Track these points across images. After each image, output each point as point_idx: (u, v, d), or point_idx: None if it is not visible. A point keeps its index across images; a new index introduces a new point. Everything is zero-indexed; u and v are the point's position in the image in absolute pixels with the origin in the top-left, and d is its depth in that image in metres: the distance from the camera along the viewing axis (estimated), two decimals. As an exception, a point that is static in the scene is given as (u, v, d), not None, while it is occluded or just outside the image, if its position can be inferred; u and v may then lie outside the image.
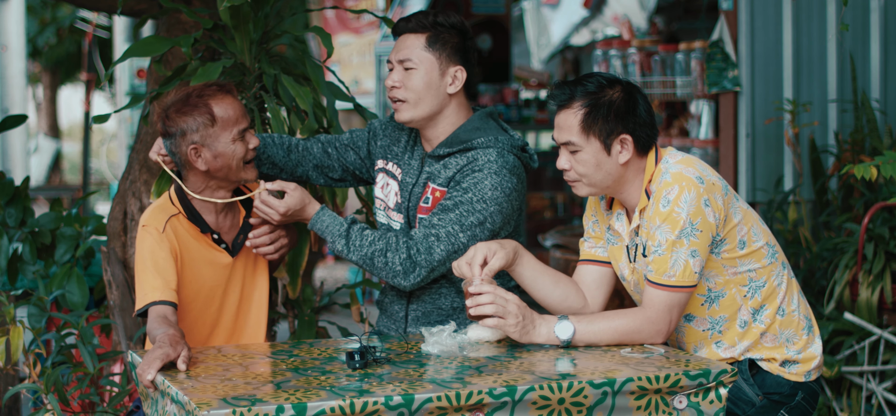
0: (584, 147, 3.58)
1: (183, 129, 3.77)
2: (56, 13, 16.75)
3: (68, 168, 21.98)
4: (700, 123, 7.00)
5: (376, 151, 4.09)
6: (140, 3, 4.92)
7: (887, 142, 5.87)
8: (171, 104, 3.81)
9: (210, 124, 3.76)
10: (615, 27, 10.07)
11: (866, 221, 5.25)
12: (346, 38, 11.68)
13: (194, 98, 3.78)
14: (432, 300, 3.96)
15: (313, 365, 3.39)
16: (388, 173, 4.04)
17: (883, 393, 5.18)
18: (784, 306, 3.62)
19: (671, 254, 3.49)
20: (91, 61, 14.76)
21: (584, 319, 3.57)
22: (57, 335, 4.60)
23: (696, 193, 3.48)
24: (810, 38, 6.44)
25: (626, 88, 3.60)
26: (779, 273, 3.63)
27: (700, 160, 3.62)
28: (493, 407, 3.11)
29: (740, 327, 3.61)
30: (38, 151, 18.71)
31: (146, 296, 3.70)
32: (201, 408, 2.93)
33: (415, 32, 3.90)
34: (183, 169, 3.86)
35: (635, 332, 3.55)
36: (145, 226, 3.81)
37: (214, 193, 3.88)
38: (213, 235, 3.90)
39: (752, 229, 3.59)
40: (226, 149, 3.79)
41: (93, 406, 4.60)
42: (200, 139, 3.77)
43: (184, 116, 3.77)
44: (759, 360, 3.63)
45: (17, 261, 5.07)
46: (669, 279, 3.50)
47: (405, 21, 3.94)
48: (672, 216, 3.49)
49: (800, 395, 3.64)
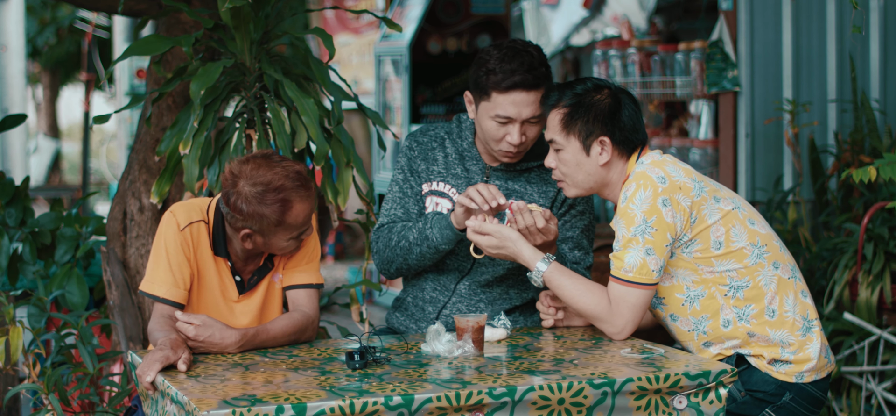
0: (564, 146, 3.69)
1: (246, 216, 3.55)
2: (56, 13, 16.74)
3: (68, 168, 21.97)
4: (700, 123, 7.00)
5: (420, 181, 4.08)
6: (140, 3, 4.92)
7: (887, 142, 5.87)
8: (247, 178, 3.55)
9: (275, 225, 3.57)
10: (615, 27, 10.06)
11: (866, 221, 5.25)
12: (346, 38, 11.68)
13: (272, 194, 3.53)
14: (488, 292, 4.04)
15: (313, 365, 3.40)
16: (437, 194, 4.05)
17: (882, 393, 5.18)
18: (774, 307, 3.61)
19: (626, 250, 3.56)
20: (91, 61, 14.76)
21: (564, 273, 3.68)
22: (57, 336, 4.60)
23: (653, 191, 3.52)
24: (810, 38, 6.44)
25: (614, 94, 3.69)
26: (766, 274, 3.62)
27: (678, 162, 3.65)
28: (492, 407, 3.11)
29: (724, 327, 3.62)
30: (38, 152, 18.70)
31: (154, 286, 3.67)
32: (201, 408, 2.93)
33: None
34: (228, 226, 3.69)
35: (596, 316, 3.63)
36: (173, 213, 3.71)
37: (248, 255, 3.74)
38: (229, 261, 3.77)
39: (732, 231, 3.59)
40: (278, 244, 3.65)
41: (93, 406, 4.60)
42: (259, 230, 3.60)
43: (253, 207, 3.53)
44: (748, 356, 3.63)
45: (16, 261, 5.06)
46: (626, 275, 3.56)
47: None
48: (627, 213, 3.56)
49: (788, 395, 3.62)
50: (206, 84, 4.23)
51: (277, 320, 3.68)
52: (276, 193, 3.53)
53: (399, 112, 8.71)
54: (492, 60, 3.85)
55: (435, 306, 4.05)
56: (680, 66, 6.94)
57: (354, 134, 11.34)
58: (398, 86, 8.74)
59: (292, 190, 3.56)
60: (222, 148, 4.49)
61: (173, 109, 4.82)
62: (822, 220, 6.16)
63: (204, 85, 4.22)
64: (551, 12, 11.24)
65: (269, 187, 3.53)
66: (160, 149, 4.52)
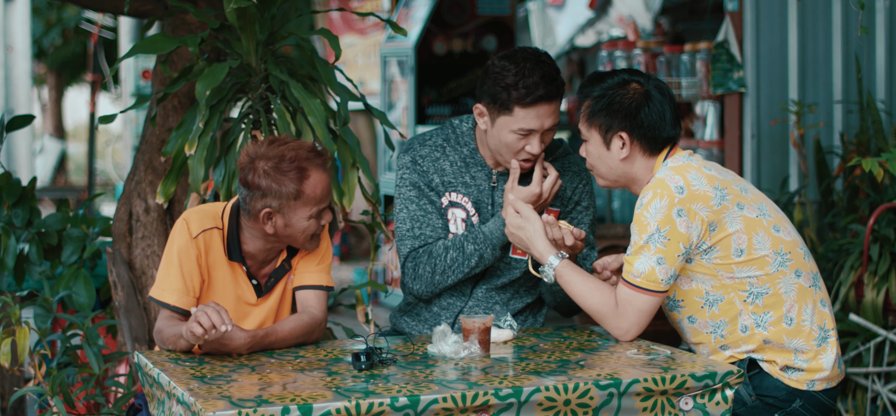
0: (588, 138, 3.72)
1: (265, 191, 3.62)
2: (61, 14, 16.74)
3: (73, 169, 21.97)
4: (705, 124, 6.99)
5: (439, 195, 4.03)
6: (146, 3, 4.92)
7: (893, 143, 5.86)
8: (261, 156, 3.64)
9: (294, 198, 3.62)
10: (620, 28, 10.06)
11: (871, 222, 5.25)
12: (351, 39, 11.67)
13: (287, 163, 3.61)
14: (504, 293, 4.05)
15: (319, 366, 3.40)
16: (454, 204, 4.01)
17: (888, 395, 5.17)
18: (792, 315, 3.59)
19: (637, 256, 3.56)
20: (96, 62, 14.75)
21: (575, 271, 3.70)
22: (62, 336, 4.60)
23: (669, 201, 3.51)
24: (816, 39, 6.43)
25: (645, 89, 3.66)
26: (787, 282, 3.60)
27: (705, 167, 3.62)
28: (498, 408, 3.11)
29: (742, 332, 3.61)
30: (44, 152, 18.71)
31: (164, 293, 3.68)
32: (207, 409, 2.93)
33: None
34: (246, 217, 3.72)
35: (603, 315, 3.65)
36: (186, 220, 3.72)
37: (268, 250, 3.77)
38: (244, 266, 3.78)
39: (755, 238, 3.58)
40: (299, 223, 3.66)
41: (98, 407, 4.61)
42: (278, 207, 3.62)
43: (271, 179, 3.61)
44: (761, 360, 3.62)
45: (23, 262, 5.07)
46: (635, 279, 3.57)
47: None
48: (641, 220, 3.56)
49: (798, 402, 3.61)
50: (211, 85, 4.23)
51: (285, 321, 3.69)
52: (292, 162, 3.62)
53: (405, 113, 8.71)
54: (509, 75, 3.79)
55: (450, 312, 4.03)
56: (685, 66, 6.94)
57: (360, 135, 11.33)
58: (404, 87, 8.74)
59: (307, 159, 3.64)
60: (228, 149, 4.49)
61: (179, 110, 4.82)
62: (828, 221, 6.15)
63: (209, 86, 4.23)
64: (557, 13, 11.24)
65: (284, 158, 3.62)
66: (166, 150, 4.52)
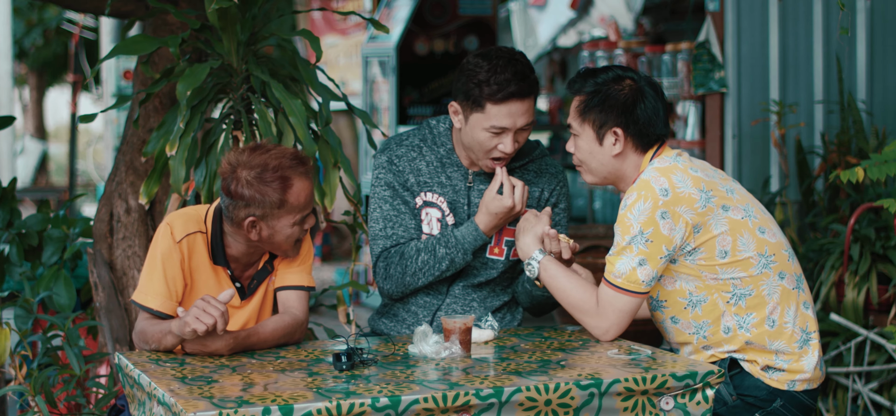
0: (580, 133, 3.71)
1: (248, 200, 3.59)
2: (43, 14, 16.70)
3: (54, 170, 21.92)
4: (686, 124, 7.01)
5: (413, 195, 4.01)
6: (127, 4, 4.91)
7: (873, 143, 5.88)
8: (243, 165, 3.61)
9: (278, 207, 3.60)
10: (602, 28, 10.09)
11: (852, 222, 5.26)
12: (333, 39, 11.66)
13: (270, 173, 3.59)
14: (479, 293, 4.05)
15: (300, 367, 3.39)
16: (429, 204, 4.00)
17: (869, 394, 5.19)
18: (774, 317, 3.60)
19: (619, 257, 3.57)
20: (78, 63, 14.71)
21: (558, 267, 3.72)
22: (43, 337, 4.59)
23: (653, 204, 3.51)
24: (797, 40, 6.45)
25: (638, 86, 3.67)
26: (771, 284, 3.61)
27: (691, 168, 3.62)
28: (479, 409, 3.11)
29: (725, 333, 3.61)
30: (25, 153, 18.66)
31: (147, 297, 3.67)
32: (188, 410, 2.93)
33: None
34: (229, 224, 3.70)
35: (584, 312, 3.66)
36: (169, 225, 3.71)
37: (252, 253, 3.76)
38: (228, 269, 3.77)
39: (739, 240, 3.58)
40: (283, 230, 3.65)
41: (79, 408, 4.59)
42: (262, 215, 3.61)
43: (254, 189, 3.58)
44: (742, 360, 3.63)
45: (3, 262, 5.05)
46: (615, 279, 3.58)
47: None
48: (624, 221, 3.56)
49: (778, 402, 3.62)
50: (192, 85, 4.23)
51: (267, 321, 3.68)
52: (275, 171, 3.60)
53: (386, 113, 8.70)
54: (482, 72, 3.78)
55: (427, 311, 4.02)
56: (667, 67, 6.95)
57: (341, 135, 11.33)
58: (385, 87, 8.73)
59: (290, 168, 3.62)
60: (209, 149, 4.48)
61: (160, 111, 4.81)
62: (809, 221, 6.16)
63: (190, 86, 4.22)
64: (538, 13, 11.27)
65: (267, 167, 3.60)
66: (147, 150, 4.51)
